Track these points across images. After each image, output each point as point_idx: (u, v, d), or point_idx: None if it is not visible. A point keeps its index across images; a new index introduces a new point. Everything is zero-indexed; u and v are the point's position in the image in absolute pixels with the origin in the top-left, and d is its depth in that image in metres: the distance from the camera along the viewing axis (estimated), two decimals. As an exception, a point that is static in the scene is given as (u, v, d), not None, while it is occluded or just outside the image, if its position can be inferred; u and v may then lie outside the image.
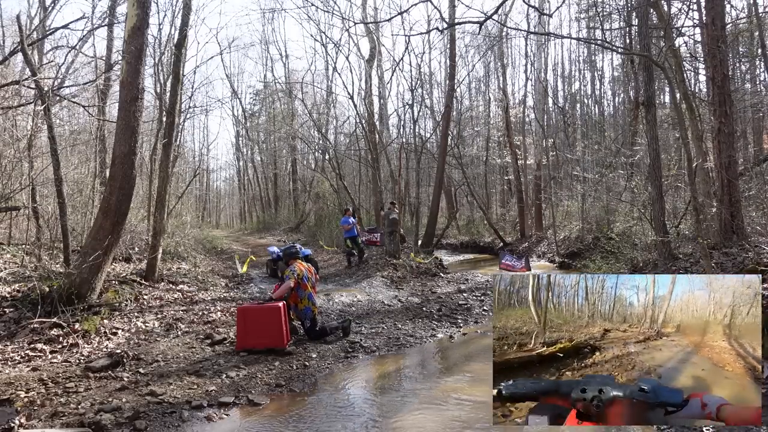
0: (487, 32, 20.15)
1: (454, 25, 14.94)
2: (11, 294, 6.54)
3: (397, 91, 54.14)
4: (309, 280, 6.18)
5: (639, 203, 11.36)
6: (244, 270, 11.41)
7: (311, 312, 6.06)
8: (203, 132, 56.36)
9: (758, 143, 15.55)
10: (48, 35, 10.82)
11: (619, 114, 23.53)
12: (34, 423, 3.66)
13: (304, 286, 6.05)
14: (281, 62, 38.63)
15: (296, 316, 6.14)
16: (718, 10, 8.12)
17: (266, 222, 29.91)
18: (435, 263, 12.80)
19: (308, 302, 6.04)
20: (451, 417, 4.00)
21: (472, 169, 26.27)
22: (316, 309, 6.19)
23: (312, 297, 6.12)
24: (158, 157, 10.24)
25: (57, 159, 7.27)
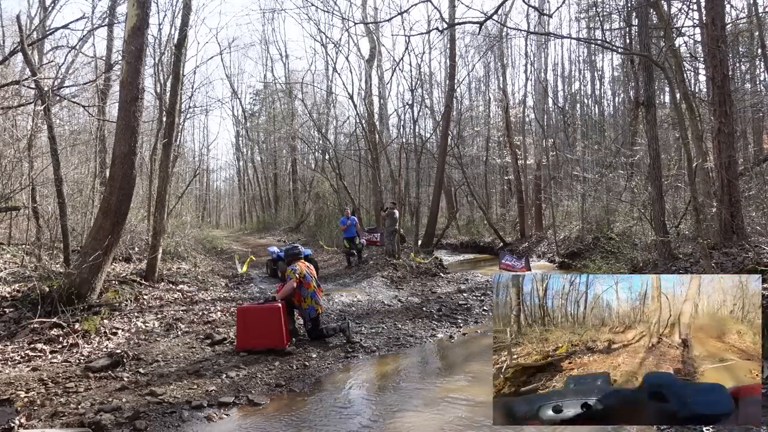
0: (487, 32, 20.13)
1: (454, 25, 14.95)
2: (11, 294, 6.54)
3: (397, 91, 54.32)
4: (313, 278, 6.13)
5: (639, 203, 11.36)
6: (244, 270, 11.41)
7: (315, 311, 6.01)
8: (203, 132, 56.43)
9: (758, 143, 15.53)
10: (48, 35, 10.81)
11: (619, 114, 23.53)
12: (34, 423, 3.66)
13: (307, 284, 6.01)
14: (281, 62, 38.69)
15: (300, 315, 6.13)
16: (718, 10, 8.11)
17: (266, 222, 29.92)
18: (435, 263, 12.81)
19: (311, 301, 6.00)
20: (451, 417, 4.00)
21: (472, 169, 26.26)
22: (321, 309, 6.15)
23: (316, 296, 6.07)
24: (158, 157, 10.24)
25: (57, 159, 7.27)
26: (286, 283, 5.95)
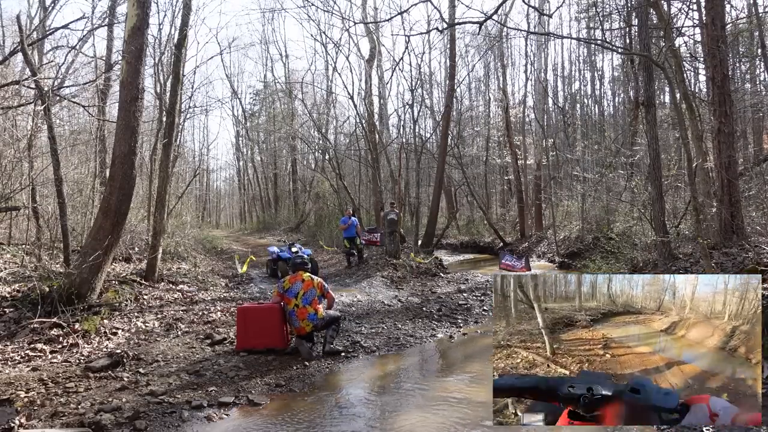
0: (487, 32, 20.15)
1: (454, 25, 14.94)
2: (11, 294, 6.54)
3: (397, 91, 54.32)
4: (298, 295, 5.53)
5: (639, 203, 11.36)
6: (244, 270, 11.41)
7: (296, 327, 5.53)
8: (203, 132, 56.45)
9: (758, 143, 15.54)
10: (48, 35, 10.81)
11: (619, 114, 23.55)
12: (34, 423, 3.66)
13: (287, 300, 5.56)
14: (281, 62, 38.64)
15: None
16: (718, 10, 8.12)
17: (266, 222, 29.93)
18: (435, 263, 12.80)
19: (290, 318, 5.57)
20: (451, 417, 4.00)
21: (472, 169, 26.26)
22: (303, 330, 5.51)
23: (293, 315, 5.49)
24: (158, 157, 10.24)
25: (57, 159, 7.27)
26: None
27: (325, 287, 5.77)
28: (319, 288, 5.69)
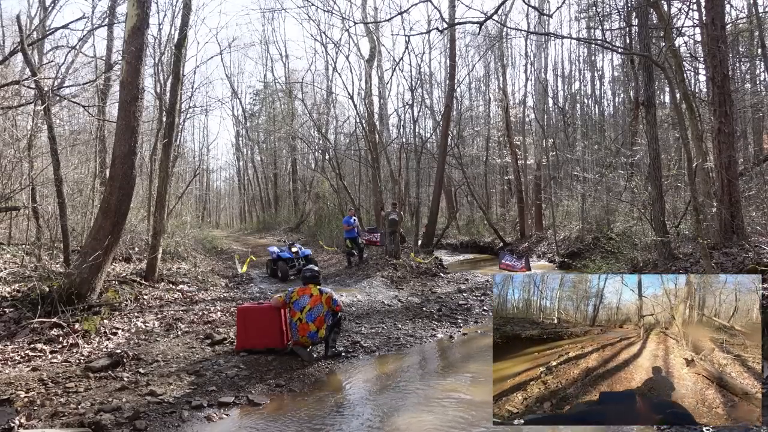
0: (487, 32, 20.16)
1: (454, 25, 14.94)
2: (11, 294, 6.54)
3: (397, 91, 54.27)
4: (305, 310, 5.46)
5: (639, 203, 11.35)
6: (244, 270, 11.42)
7: (295, 336, 5.53)
8: (203, 132, 56.50)
9: (758, 143, 15.53)
10: (48, 35, 10.81)
11: (619, 114, 23.53)
12: (34, 423, 3.66)
13: (292, 312, 5.53)
14: (281, 62, 38.65)
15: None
16: (718, 10, 8.11)
17: (266, 222, 29.90)
18: (435, 263, 12.81)
19: (293, 330, 5.56)
20: (451, 417, 4.00)
21: (472, 169, 26.25)
22: (304, 342, 5.50)
23: (295, 328, 5.48)
24: (158, 157, 10.24)
25: (57, 159, 7.27)
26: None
27: (333, 301, 5.57)
28: (327, 303, 5.53)
